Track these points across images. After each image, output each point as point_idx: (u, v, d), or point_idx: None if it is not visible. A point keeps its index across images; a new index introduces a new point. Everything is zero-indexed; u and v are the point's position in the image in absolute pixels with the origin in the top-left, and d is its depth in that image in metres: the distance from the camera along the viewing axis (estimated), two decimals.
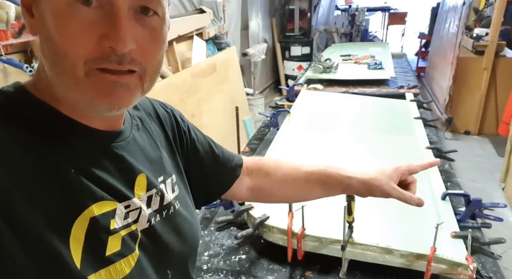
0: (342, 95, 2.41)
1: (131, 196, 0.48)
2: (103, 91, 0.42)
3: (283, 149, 1.52)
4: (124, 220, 0.46)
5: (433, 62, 5.38)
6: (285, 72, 5.82)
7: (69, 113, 0.45)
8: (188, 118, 2.41)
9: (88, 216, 0.42)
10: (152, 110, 0.62)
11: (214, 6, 3.56)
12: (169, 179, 0.57)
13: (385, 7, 7.99)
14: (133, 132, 0.53)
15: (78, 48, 0.39)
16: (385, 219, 1.07)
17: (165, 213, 0.54)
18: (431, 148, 1.53)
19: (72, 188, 0.41)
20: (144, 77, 0.44)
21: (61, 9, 0.39)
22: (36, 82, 0.46)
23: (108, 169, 0.46)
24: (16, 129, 0.40)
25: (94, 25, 0.39)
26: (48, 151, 0.41)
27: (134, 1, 0.41)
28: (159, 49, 0.45)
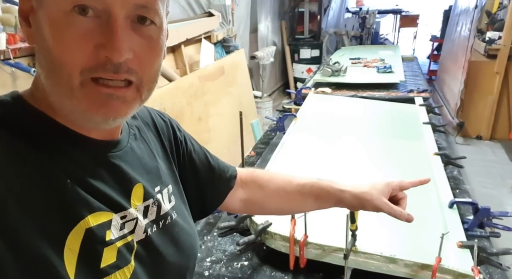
0: (350, 99, 2.39)
1: (127, 206, 0.48)
2: (97, 103, 0.41)
3: (288, 154, 1.51)
4: (120, 231, 0.46)
5: (445, 65, 5.30)
6: (294, 75, 5.80)
7: (65, 122, 0.44)
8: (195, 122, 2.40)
9: (84, 227, 0.41)
10: (149, 119, 0.61)
11: (223, 9, 3.57)
12: (166, 189, 0.57)
13: (397, 10, 7.91)
14: (130, 142, 0.53)
15: (74, 57, 0.39)
16: (389, 228, 1.05)
17: (162, 224, 0.53)
18: (440, 154, 1.50)
19: (67, 198, 0.41)
20: (141, 87, 0.44)
21: (58, 18, 0.39)
22: (34, 92, 0.45)
23: (105, 179, 0.46)
24: (12, 139, 0.40)
25: (90, 34, 0.39)
26: (44, 161, 0.41)
27: (131, 11, 0.41)
28: (156, 58, 0.45)
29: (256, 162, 1.67)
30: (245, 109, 3.25)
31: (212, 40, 3.35)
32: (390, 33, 8.35)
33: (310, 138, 1.72)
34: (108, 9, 0.39)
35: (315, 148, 1.61)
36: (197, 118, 2.63)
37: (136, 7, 0.41)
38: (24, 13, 0.42)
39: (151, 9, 0.42)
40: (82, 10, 0.39)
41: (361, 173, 1.37)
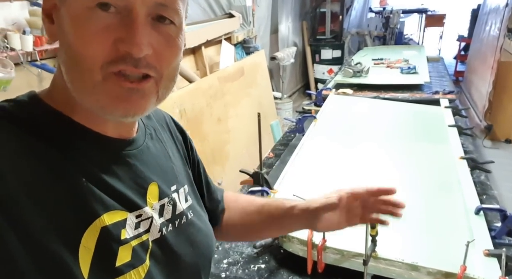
0: (372, 100, 2.34)
1: (142, 205, 0.48)
2: (119, 97, 0.42)
3: (307, 157, 1.49)
4: (135, 230, 0.46)
5: (472, 66, 5.12)
6: (315, 75, 5.75)
7: (82, 121, 0.45)
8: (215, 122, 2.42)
9: (99, 225, 0.41)
10: (164, 121, 0.62)
11: (244, 10, 3.58)
12: (182, 189, 0.57)
13: (422, 9, 7.70)
14: (146, 141, 0.53)
15: (95, 52, 0.40)
16: (411, 233, 1.01)
17: (178, 223, 0.53)
18: (466, 158, 1.44)
19: (83, 197, 0.41)
20: (160, 82, 0.44)
21: (79, 14, 0.39)
22: (51, 90, 0.46)
23: (120, 178, 0.46)
24: (28, 137, 0.40)
25: (110, 29, 0.40)
26: (59, 159, 0.41)
27: (152, 9, 0.41)
28: (175, 57, 0.45)
29: (274, 163, 1.66)
30: (264, 110, 3.25)
31: (232, 41, 3.36)
32: (415, 33, 8.14)
33: (329, 140, 1.69)
34: (129, 6, 0.40)
35: (335, 151, 1.58)
36: (217, 119, 2.65)
37: (157, 5, 0.41)
38: (48, 11, 0.43)
39: (171, 8, 0.42)
40: (103, 6, 0.39)
41: (382, 177, 1.34)
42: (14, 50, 1.42)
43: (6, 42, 1.40)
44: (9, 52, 1.40)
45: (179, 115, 2.20)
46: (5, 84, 1.38)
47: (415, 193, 1.22)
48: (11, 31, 1.44)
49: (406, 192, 1.24)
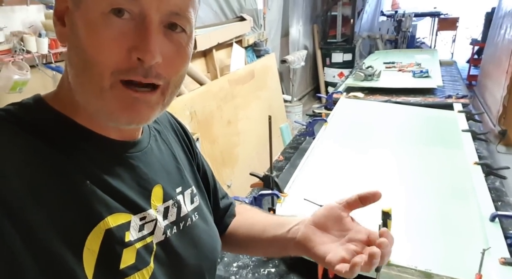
0: (383, 104, 2.32)
1: (146, 207, 0.48)
2: (124, 105, 0.42)
3: (317, 160, 1.48)
4: (139, 232, 0.46)
5: (486, 70, 5.04)
6: (326, 79, 5.73)
7: (86, 123, 0.45)
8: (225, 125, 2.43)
9: (104, 228, 0.41)
10: (169, 123, 0.62)
11: (255, 13, 3.59)
12: (188, 190, 0.57)
13: (435, 13, 7.61)
14: (151, 143, 0.53)
15: (107, 58, 0.40)
16: (424, 240, 0.99)
17: (182, 225, 0.53)
18: (480, 163, 1.41)
19: (87, 199, 0.41)
20: (166, 91, 0.44)
21: (94, 19, 0.40)
22: (57, 93, 0.47)
23: (124, 180, 0.46)
24: (33, 140, 0.41)
25: (124, 36, 0.40)
26: (63, 162, 0.41)
27: (165, 16, 0.41)
28: (184, 65, 0.45)
29: (284, 166, 1.65)
30: (274, 113, 3.24)
31: (243, 44, 3.37)
32: (427, 36, 8.05)
33: (340, 144, 1.68)
34: (144, 12, 0.40)
35: (346, 155, 1.56)
36: (227, 122, 2.65)
37: (171, 14, 0.42)
38: (59, 13, 0.44)
39: (183, 17, 0.43)
40: (118, 12, 0.40)
41: (394, 182, 1.32)
42: (30, 53, 1.45)
43: (23, 44, 1.43)
44: (25, 54, 1.43)
45: (189, 117, 2.21)
46: (21, 85, 1.41)
47: (428, 199, 1.20)
48: (27, 34, 1.47)
49: (418, 198, 1.22)
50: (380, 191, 0.55)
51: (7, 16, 1.47)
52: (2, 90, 1.41)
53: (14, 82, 1.39)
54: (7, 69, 1.39)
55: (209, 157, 2.33)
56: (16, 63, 1.42)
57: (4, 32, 1.40)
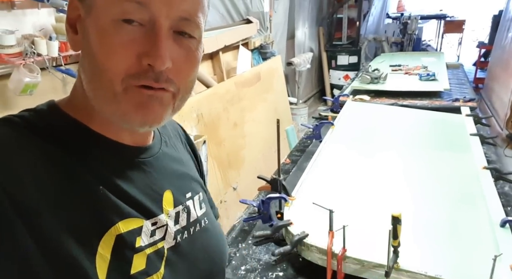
0: (390, 107, 2.31)
1: (158, 212, 0.48)
2: (139, 104, 0.42)
3: (324, 163, 1.48)
4: (150, 237, 0.46)
5: (493, 73, 5.00)
6: (331, 81, 5.72)
7: (99, 129, 0.46)
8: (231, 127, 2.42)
9: (115, 233, 0.42)
10: (176, 131, 0.63)
11: (261, 16, 3.60)
12: (197, 196, 0.57)
13: (441, 15, 7.58)
14: (162, 148, 0.54)
15: (118, 64, 0.40)
16: (434, 245, 0.99)
17: (192, 230, 0.53)
18: (489, 168, 1.40)
19: (99, 204, 0.42)
20: (177, 95, 0.45)
21: (105, 26, 0.40)
22: (71, 99, 0.47)
23: (136, 185, 0.47)
24: (47, 145, 0.41)
25: (135, 42, 0.40)
26: (77, 166, 0.42)
27: (175, 22, 0.42)
28: (193, 69, 0.46)
29: (291, 170, 1.65)
30: (280, 115, 3.24)
31: (249, 47, 3.38)
32: (433, 39, 8.02)
33: (347, 147, 1.68)
34: (153, 19, 0.41)
35: (353, 158, 1.56)
36: (233, 124, 2.66)
37: (180, 19, 0.42)
38: (72, 21, 0.44)
39: (193, 22, 0.43)
40: (128, 19, 0.40)
41: (402, 187, 1.31)
42: (40, 56, 1.46)
43: (33, 47, 1.44)
44: (35, 57, 1.44)
45: (196, 119, 2.22)
46: (32, 88, 1.42)
47: (436, 204, 1.20)
48: (38, 37, 1.49)
49: (427, 203, 1.21)
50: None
51: (18, 19, 1.49)
52: (13, 92, 1.43)
53: (25, 85, 1.40)
54: (18, 71, 1.41)
55: (215, 159, 2.33)
56: (27, 65, 1.43)
57: (16, 35, 1.41)
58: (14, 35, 1.40)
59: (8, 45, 1.39)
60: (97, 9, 0.41)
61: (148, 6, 0.40)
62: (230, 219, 2.32)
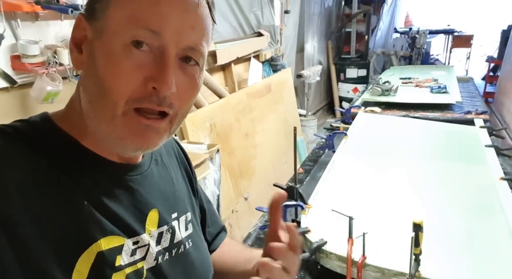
0: (403, 118, 2.31)
1: (141, 231, 0.48)
2: (135, 132, 0.43)
3: (339, 172, 1.48)
4: (130, 257, 0.46)
5: (504, 87, 4.99)
6: (340, 94, 5.75)
7: (89, 145, 0.46)
8: (242, 137, 2.43)
9: (96, 250, 0.42)
10: (171, 148, 0.63)
11: (272, 29, 3.66)
12: (184, 216, 0.57)
13: (449, 30, 7.62)
14: (151, 166, 0.54)
15: (124, 86, 0.42)
16: (455, 254, 0.98)
17: (175, 252, 0.53)
18: (506, 179, 1.39)
19: (83, 220, 0.42)
20: (174, 120, 0.46)
21: (115, 50, 0.42)
22: (66, 113, 0.48)
23: (121, 202, 0.47)
24: (35, 157, 0.42)
25: (143, 67, 0.42)
26: (64, 181, 0.42)
27: (181, 51, 0.44)
28: (194, 96, 0.47)
29: (304, 179, 1.65)
30: (290, 126, 3.25)
31: (260, 59, 3.43)
32: (441, 53, 8.04)
33: (361, 157, 1.68)
34: (163, 46, 0.42)
35: (367, 167, 1.56)
36: (244, 134, 2.68)
37: (187, 48, 0.44)
38: (77, 41, 0.45)
39: (198, 51, 0.45)
40: (137, 44, 0.41)
41: (418, 198, 1.31)
42: (62, 65, 1.50)
43: (56, 57, 1.49)
44: (58, 66, 1.49)
45: (209, 129, 2.24)
46: (53, 96, 1.46)
47: (454, 214, 1.19)
48: (60, 47, 1.53)
49: (445, 212, 1.21)
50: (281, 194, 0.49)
51: (42, 30, 1.54)
52: (35, 100, 1.47)
53: (47, 93, 1.44)
54: (41, 80, 1.45)
55: (227, 168, 2.34)
56: (49, 74, 1.47)
57: (39, 45, 1.46)
58: (37, 45, 1.45)
59: (32, 54, 1.43)
60: (108, 34, 0.42)
61: (161, 34, 0.41)
62: (241, 229, 2.32)
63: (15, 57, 1.43)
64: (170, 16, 0.42)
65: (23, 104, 1.53)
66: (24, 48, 1.40)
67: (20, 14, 1.42)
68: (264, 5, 3.53)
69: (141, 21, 0.41)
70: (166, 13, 0.41)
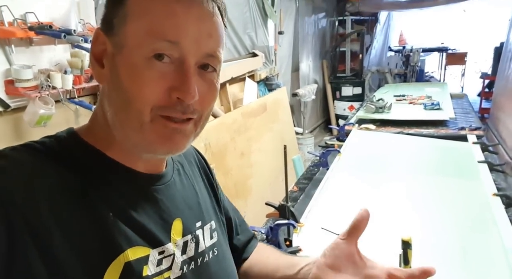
0: (396, 135, 2.32)
1: (166, 241, 0.48)
2: (164, 136, 0.45)
3: (332, 190, 1.48)
4: (157, 267, 0.46)
5: (499, 103, 5.03)
6: (336, 111, 5.79)
7: (115, 156, 0.47)
8: (238, 157, 2.42)
9: (123, 260, 0.42)
10: (193, 157, 0.64)
11: (266, 50, 3.73)
12: (208, 225, 0.57)
13: (443, 48, 7.75)
14: (174, 176, 0.55)
15: (148, 96, 0.43)
16: (449, 270, 0.97)
17: (200, 261, 0.53)
18: (500, 195, 1.39)
19: (109, 231, 0.43)
20: (198, 123, 0.48)
21: (138, 63, 0.43)
22: (90, 127, 0.49)
23: (146, 213, 0.48)
24: (64, 171, 0.43)
25: (165, 78, 0.43)
26: (90, 193, 0.43)
27: (200, 59, 0.45)
28: (214, 99, 0.49)
29: (299, 197, 1.64)
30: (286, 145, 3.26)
31: (255, 79, 3.47)
32: (436, 70, 8.15)
33: (355, 174, 1.68)
34: (183, 57, 0.43)
35: (361, 185, 1.56)
36: (240, 153, 2.67)
37: (206, 56, 0.45)
38: (98, 55, 0.47)
39: (215, 58, 0.46)
40: (158, 56, 0.43)
41: (411, 215, 1.30)
42: (55, 88, 1.52)
43: (49, 81, 1.51)
44: (51, 90, 1.50)
45: (204, 148, 2.24)
46: (46, 119, 1.47)
47: (447, 230, 1.18)
48: (54, 71, 1.55)
49: (437, 229, 1.19)
50: (368, 209, 0.55)
51: (36, 55, 1.56)
52: (28, 124, 1.48)
53: (40, 117, 1.45)
54: (34, 104, 1.46)
55: (223, 188, 2.32)
56: (42, 98, 1.49)
57: (33, 69, 1.48)
58: (31, 69, 1.47)
59: (25, 79, 1.45)
60: (129, 48, 0.43)
61: (179, 45, 0.43)
62: None
63: (9, 81, 1.45)
64: (187, 25, 0.43)
65: (16, 128, 1.54)
66: (17, 72, 1.42)
67: (14, 40, 1.45)
68: (258, 26, 3.61)
69: (160, 33, 0.42)
70: (183, 23, 0.43)
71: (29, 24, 1.46)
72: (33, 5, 1.50)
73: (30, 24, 1.46)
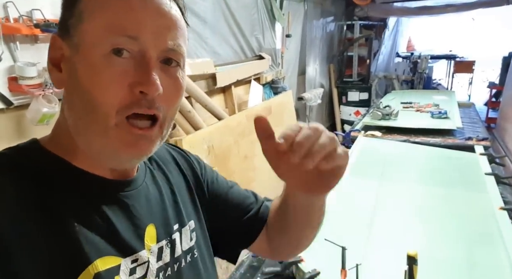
0: (403, 143, 2.29)
1: (139, 248, 0.46)
2: (128, 143, 0.43)
3: (336, 200, 1.45)
4: (130, 276, 0.44)
5: (506, 113, 4.97)
6: (342, 116, 5.75)
7: (81, 165, 0.45)
8: (241, 160, 2.40)
9: (92, 272, 0.40)
10: (168, 155, 0.61)
11: (273, 52, 3.70)
12: (187, 226, 0.55)
13: (451, 55, 7.70)
14: (146, 180, 0.53)
15: (111, 97, 0.41)
16: None
17: (177, 267, 0.51)
18: (506, 209, 1.36)
19: (76, 242, 0.41)
20: (163, 125, 0.46)
21: (96, 61, 0.41)
22: (54, 136, 0.48)
23: (117, 220, 0.46)
24: (27, 183, 0.41)
25: (126, 73, 0.42)
26: (54, 203, 0.41)
27: (161, 53, 0.44)
28: (179, 97, 0.47)
29: None
30: None
31: (261, 81, 3.45)
32: (444, 78, 8.09)
33: (360, 183, 1.65)
34: (143, 50, 0.42)
35: (366, 193, 1.53)
36: (243, 156, 2.65)
37: (167, 50, 0.44)
38: (55, 61, 0.45)
39: (177, 52, 0.45)
40: (118, 52, 0.41)
41: (416, 225, 1.27)
42: None
43: None
44: (54, 88, 1.49)
45: (207, 151, 2.23)
46: (49, 118, 1.46)
47: (453, 243, 1.15)
48: None
49: (443, 242, 1.17)
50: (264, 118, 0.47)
51: (40, 53, 1.55)
52: (31, 122, 1.46)
53: (43, 115, 1.44)
54: (37, 102, 1.45)
55: None
56: (46, 96, 1.48)
57: (37, 67, 1.47)
58: (35, 67, 1.46)
59: (29, 76, 1.44)
60: (85, 46, 0.42)
61: (138, 39, 0.41)
62: None
63: (12, 78, 1.43)
64: (145, 19, 0.42)
65: (18, 125, 1.53)
66: (21, 70, 1.41)
67: (19, 36, 1.44)
68: (266, 29, 3.59)
69: (118, 29, 0.41)
70: (141, 17, 0.42)
71: (35, 21, 1.45)
72: (39, 2, 1.49)
73: (36, 21, 1.45)
